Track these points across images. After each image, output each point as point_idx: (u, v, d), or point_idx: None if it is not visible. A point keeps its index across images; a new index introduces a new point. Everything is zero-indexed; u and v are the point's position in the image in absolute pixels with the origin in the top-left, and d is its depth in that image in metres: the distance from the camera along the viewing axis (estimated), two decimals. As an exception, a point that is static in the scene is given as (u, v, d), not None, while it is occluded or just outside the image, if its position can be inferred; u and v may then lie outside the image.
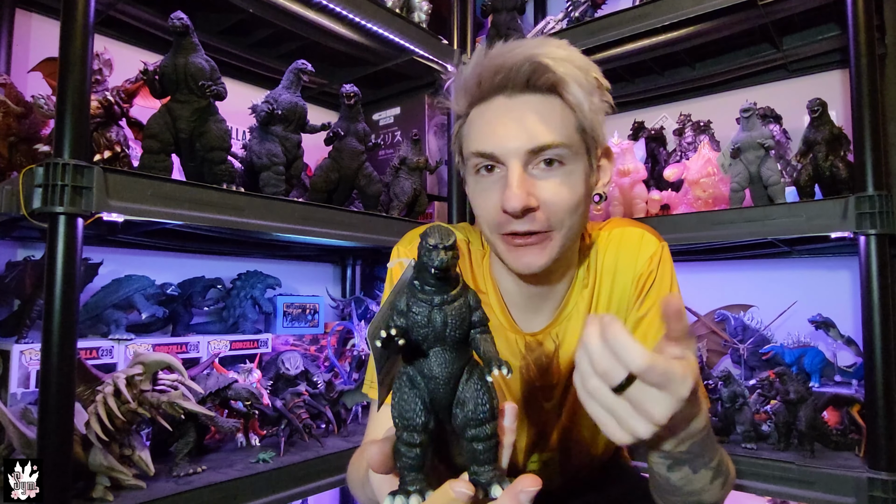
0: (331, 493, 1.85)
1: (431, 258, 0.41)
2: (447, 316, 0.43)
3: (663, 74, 1.81)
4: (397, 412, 0.44)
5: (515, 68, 0.73)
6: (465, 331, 0.44)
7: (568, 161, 0.75)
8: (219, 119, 1.18)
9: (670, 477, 0.64)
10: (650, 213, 1.58)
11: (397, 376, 0.46)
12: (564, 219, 0.75)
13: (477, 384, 0.44)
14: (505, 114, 0.75)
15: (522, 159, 0.73)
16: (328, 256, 1.99)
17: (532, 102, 0.74)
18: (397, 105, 1.95)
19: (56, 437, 0.85)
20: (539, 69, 0.72)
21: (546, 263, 0.76)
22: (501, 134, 0.74)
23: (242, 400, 1.23)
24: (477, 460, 0.44)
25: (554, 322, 0.87)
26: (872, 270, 1.11)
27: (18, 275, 1.18)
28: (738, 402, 1.29)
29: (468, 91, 0.79)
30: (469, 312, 0.45)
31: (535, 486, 0.43)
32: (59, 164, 0.86)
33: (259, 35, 1.60)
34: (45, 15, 1.37)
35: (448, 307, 0.43)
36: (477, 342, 0.45)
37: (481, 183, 0.78)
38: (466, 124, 0.81)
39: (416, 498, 0.43)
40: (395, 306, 0.45)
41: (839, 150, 1.28)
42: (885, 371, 1.09)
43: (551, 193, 0.74)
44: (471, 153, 0.78)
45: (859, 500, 1.08)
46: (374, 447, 0.46)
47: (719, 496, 0.70)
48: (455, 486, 0.42)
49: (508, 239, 0.76)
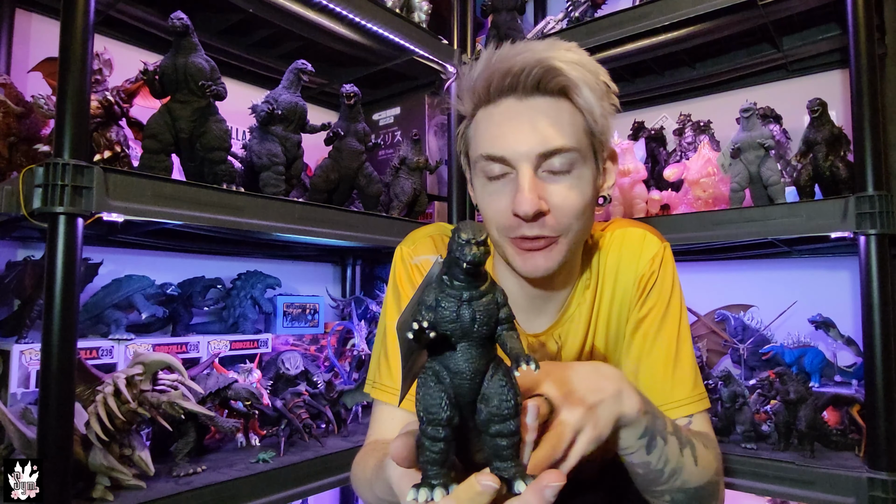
0: (331, 493, 1.85)
1: (464, 253, 0.41)
2: (475, 312, 0.43)
3: (663, 74, 1.81)
4: (423, 406, 0.44)
5: (526, 71, 0.72)
6: (493, 327, 0.45)
7: (577, 165, 0.74)
8: (219, 119, 1.17)
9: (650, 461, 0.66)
10: (650, 213, 1.58)
11: (422, 371, 0.46)
12: (572, 223, 0.75)
13: (502, 380, 0.44)
14: (515, 116, 0.74)
15: (533, 163, 0.73)
16: (328, 256, 1.99)
17: (542, 105, 0.74)
18: (397, 105, 1.95)
19: (56, 437, 0.85)
20: (550, 72, 0.72)
21: (553, 267, 0.76)
22: (512, 137, 0.73)
23: (242, 400, 1.23)
24: (500, 456, 0.44)
25: (556, 323, 0.87)
26: (872, 270, 1.11)
27: (18, 275, 1.18)
28: (738, 402, 1.29)
29: (476, 92, 0.78)
30: (497, 309, 0.45)
31: (559, 482, 0.44)
32: (59, 164, 0.86)
33: (259, 35, 1.60)
34: (45, 15, 1.37)
35: (476, 303, 0.44)
36: (503, 339, 0.45)
37: (489, 186, 0.77)
38: (473, 126, 0.80)
39: (440, 491, 0.43)
40: (422, 301, 0.45)
41: (839, 150, 1.28)
42: (885, 371, 1.09)
43: (561, 198, 0.73)
44: (479, 156, 0.76)
45: (859, 500, 1.08)
46: (399, 441, 0.46)
47: (699, 473, 0.70)
48: (481, 479, 0.43)
49: (517, 242, 0.75)
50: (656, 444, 0.65)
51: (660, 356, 0.82)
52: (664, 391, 0.81)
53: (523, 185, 0.72)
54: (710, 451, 0.74)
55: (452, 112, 1.72)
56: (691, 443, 0.71)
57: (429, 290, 0.45)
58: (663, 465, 0.67)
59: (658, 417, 0.67)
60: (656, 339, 0.83)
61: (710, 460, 0.73)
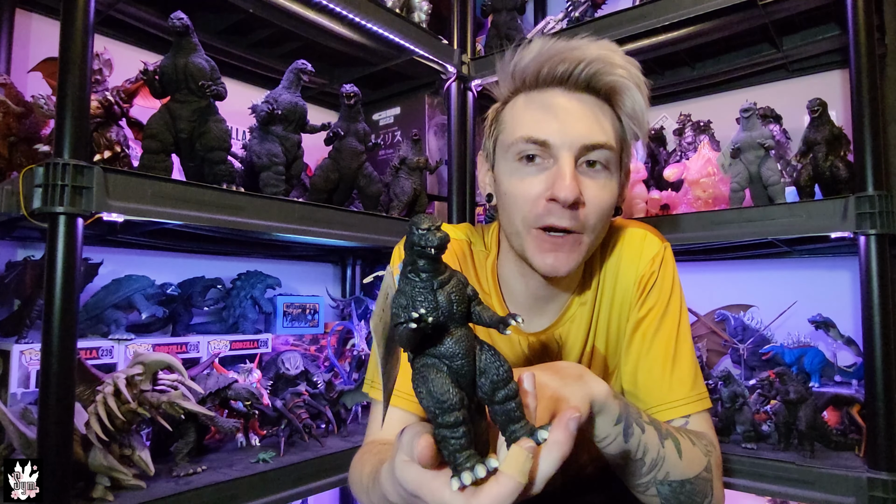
0: (331, 493, 1.85)
1: (430, 240, 0.44)
2: (450, 294, 0.46)
3: (663, 74, 1.81)
4: (432, 400, 0.45)
5: (584, 63, 0.73)
6: (468, 305, 0.48)
7: (610, 166, 0.76)
8: (219, 119, 1.18)
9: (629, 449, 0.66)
10: (650, 213, 1.58)
11: (417, 371, 0.47)
12: (598, 223, 0.76)
13: (490, 351, 0.47)
14: (563, 105, 0.75)
15: (576, 153, 0.73)
16: (328, 256, 1.99)
17: (589, 102, 0.75)
18: (397, 105, 1.95)
19: (56, 437, 0.85)
20: (607, 68, 0.73)
21: (573, 268, 0.76)
22: (558, 124, 0.74)
23: (242, 400, 1.23)
24: (512, 418, 0.46)
25: (557, 323, 0.87)
26: (872, 270, 1.11)
27: (18, 275, 1.18)
28: (738, 402, 1.29)
29: (522, 76, 0.78)
30: (465, 287, 0.48)
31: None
32: (59, 164, 0.86)
33: (259, 35, 1.60)
34: (45, 15, 1.37)
35: (447, 286, 0.46)
36: (479, 312, 0.48)
37: (522, 171, 0.77)
38: (510, 109, 0.80)
39: (481, 468, 0.44)
40: (396, 304, 0.46)
41: (839, 150, 1.28)
42: (885, 371, 1.09)
43: (593, 194, 0.74)
44: (518, 138, 0.76)
45: (859, 500, 1.08)
46: (422, 442, 0.45)
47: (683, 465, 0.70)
48: (523, 443, 0.44)
49: (542, 236, 0.75)
50: (633, 432, 0.66)
51: (658, 356, 0.82)
52: (662, 391, 0.81)
53: (565, 171, 0.72)
54: (698, 447, 0.73)
55: (452, 112, 1.72)
56: (673, 435, 0.71)
57: (398, 294, 0.46)
58: (643, 455, 0.67)
59: (630, 406, 0.68)
60: (654, 338, 0.83)
61: (697, 455, 0.72)
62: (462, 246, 0.91)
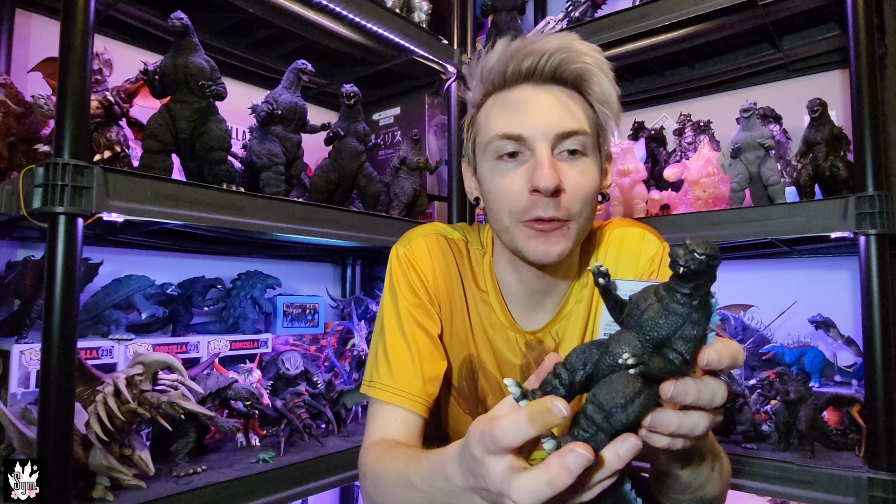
0: (331, 493, 1.86)
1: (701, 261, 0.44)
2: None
3: (663, 74, 1.81)
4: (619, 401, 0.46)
5: (546, 55, 0.74)
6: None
7: (588, 152, 0.76)
8: (219, 119, 1.17)
9: (681, 475, 0.65)
10: (650, 213, 1.58)
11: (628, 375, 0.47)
12: (583, 208, 0.76)
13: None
14: (532, 99, 0.76)
15: (551, 142, 0.74)
16: (328, 256, 1.99)
17: (558, 93, 0.76)
18: (397, 105, 1.95)
19: (56, 437, 0.85)
20: (570, 57, 0.74)
21: (563, 252, 0.76)
22: (529, 117, 0.75)
23: (242, 400, 1.23)
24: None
25: (554, 320, 0.87)
26: (872, 270, 1.11)
27: (18, 275, 1.18)
28: (738, 402, 1.29)
29: (490, 78, 0.79)
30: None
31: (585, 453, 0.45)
32: (59, 164, 0.86)
33: (259, 35, 1.60)
34: (45, 15, 1.37)
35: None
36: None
37: (502, 168, 0.77)
38: (484, 111, 0.81)
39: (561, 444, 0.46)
40: (682, 333, 0.46)
41: (839, 150, 1.28)
42: (885, 371, 1.09)
43: (573, 181, 0.75)
44: (494, 136, 0.77)
45: (859, 500, 1.08)
46: (577, 448, 0.44)
47: (719, 486, 0.69)
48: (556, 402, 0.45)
49: (530, 225, 0.75)
50: (693, 461, 0.64)
51: None
52: None
53: (543, 160, 0.73)
54: (727, 459, 0.72)
55: (452, 112, 1.72)
56: (720, 458, 0.69)
57: (671, 315, 0.46)
58: (692, 479, 0.65)
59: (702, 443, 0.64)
60: None
61: (729, 471, 0.72)
62: (460, 245, 0.91)
